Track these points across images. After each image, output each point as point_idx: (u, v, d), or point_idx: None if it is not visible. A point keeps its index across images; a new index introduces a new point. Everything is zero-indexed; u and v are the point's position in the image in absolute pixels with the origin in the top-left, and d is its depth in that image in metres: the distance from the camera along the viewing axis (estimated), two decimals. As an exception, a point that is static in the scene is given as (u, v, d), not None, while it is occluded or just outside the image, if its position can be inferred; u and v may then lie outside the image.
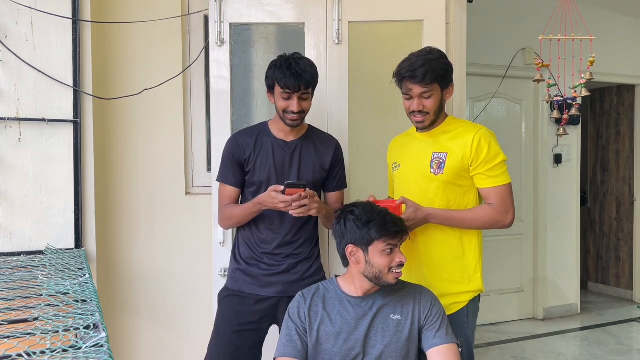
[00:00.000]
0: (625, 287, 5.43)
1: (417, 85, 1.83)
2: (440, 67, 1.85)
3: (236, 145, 2.03)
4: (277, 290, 1.99)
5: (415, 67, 1.83)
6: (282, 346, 1.67)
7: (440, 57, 1.88)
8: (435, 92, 1.86)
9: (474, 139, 1.85)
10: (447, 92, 1.91)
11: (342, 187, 2.14)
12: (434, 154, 1.90)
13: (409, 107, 1.89)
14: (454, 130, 1.92)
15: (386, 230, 1.62)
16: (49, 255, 2.01)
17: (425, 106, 1.86)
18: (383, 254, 1.62)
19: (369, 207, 1.68)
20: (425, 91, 1.84)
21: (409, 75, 1.83)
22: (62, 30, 2.17)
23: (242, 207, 2.01)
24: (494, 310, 4.53)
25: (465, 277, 1.88)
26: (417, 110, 1.87)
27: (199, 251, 2.54)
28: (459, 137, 1.89)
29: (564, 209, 4.79)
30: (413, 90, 1.85)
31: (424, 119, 1.88)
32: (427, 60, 1.83)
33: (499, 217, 1.84)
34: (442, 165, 1.87)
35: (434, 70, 1.83)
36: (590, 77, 2.35)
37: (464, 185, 1.88)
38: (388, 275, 1.64)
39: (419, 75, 1.82)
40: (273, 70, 1.95)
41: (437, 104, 1.88)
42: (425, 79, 1.82)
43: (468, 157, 1.85)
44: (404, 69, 1.85)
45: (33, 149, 2.13)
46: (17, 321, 1.16)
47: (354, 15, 2.40)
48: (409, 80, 1.84)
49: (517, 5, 4.47)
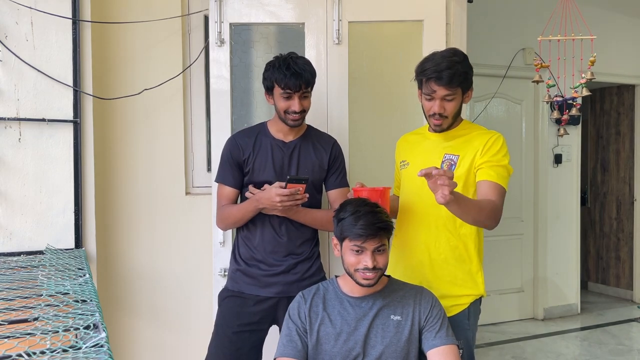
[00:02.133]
0: (625, 287, 5.43)
1: (443, 87, 1.78)
2: (465, 71, 1.81)
3: (235, 145, 2.03)
4: (277, 290, 1.99)
5: (441, 69, 1.77)
6: (282, 346, 1.67)
7: (465, 60, 1.83)
8: (457, 95, 1.82)
9: (488, 141, 1.83)
10: (466, 96, 1.87)
11: (344, 185, 2.12)
12: (445, 155, 1.88)
13: (430, 108, 1.84)
14: (468, 134, 1.90)
15: (350, 230, 1.61)
16: (49, 255, 2.01)
17: (446, 109, 1.82)
18: (352, 252, 1.63)
19: (356, 203, 1.67)
20: (449, 94, 1.80)
21: (435, 76, 1.78)
22: (62, 30, 2.17)
23: (239, 206, 2.01)
24: (494, 310, 4.53)
25: (467, 280, 1.87)
26: (438, 113, 1.82)
27: (199, 251, 2.54)
28: (473, 140, 1.86)
29: (564, 209, 4.79)
30: (437, 92, 1.80)
31: (442, 122, 1.85)
32: (453, 62, 1.78)
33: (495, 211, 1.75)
34: (452, 167, 1.85)
35: (460, 74, 1.78)
36: (591, 76, 2.33)
37: (472, 186, 1.86)
38: (356, 275, 1.63)
39: (446, 77, 1.77)
40: (271, 72, 1.93)
41: (458, 108, 1.85)
42: (452, 82, 1.77)
43: (479, 156, 1.83)
44: (430, 70, 1.79)
45: (33, 149, 2.13)
46: (17, 321, 1.16)
47: (354, 15, 2.40)
48: (434, 81, 1.79)
49: (517, 5, 4.47)
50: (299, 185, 1.81)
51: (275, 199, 1.82)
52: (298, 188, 1.81)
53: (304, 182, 1.83)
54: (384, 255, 1.64)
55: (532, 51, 4.47)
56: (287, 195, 1.81)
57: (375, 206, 1.66)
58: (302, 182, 1.82)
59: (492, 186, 1.78)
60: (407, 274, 1.91)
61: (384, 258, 1.63)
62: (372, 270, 1.60)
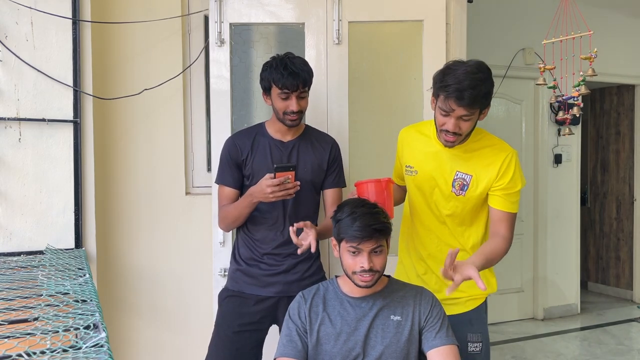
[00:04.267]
0: (625, 287, 5.43)
1: (462, 108, 1.66)
2: (488, 90, 1.70)
3: (233, 146, 2.03)
4: (277, 290, 1.99)
5: (463, 87, 1.64)
6: (282, 346, 1.67)
7: (489, 77, 1.71)
8: (475, 115, 1.72)
9: (503, 164, 1.78)
10: (483, 114, 1.76)
11: (340, 185, 2.12)
12: (457, 173, 1.82)
13: (443, 124, 1.72)
14: (481, 149, 1.82)
15: (347, 232, 1.60)
16: (49, 255, 2.01)
17: (462, 128, 1.71)
18: (349, 253, 1.62)
19: (353, 204, 1.66)
20: (467, 114, 1.68)
21: (456, 96, 1.64)
22: (62, 30, 2.17)
23: (235, 203, 2.01)
24: (494, 310, 4.50)
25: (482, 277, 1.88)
26: (453, 132, 1.71)
27: (199, 251, 2.54)
28: (486, 159, 1.80)
29: (564, 209, 4.79)
30: (455, 112, 1.68)
31: (455, 140, 1.74)
32: (477, 81, 1.65)
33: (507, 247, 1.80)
34: (464, 187, 1.81)
35: (483, 96, 1.68)
36: (592, 73, 2.26)
37: (482, 204, 1.86)
38: (354, 277, 1.62)
39: (467, 98, 1.64)
40: (269, 72, 1.94)
41: (473, 126, 1.75)
42: (473, 104, 1.66)
43: (493, 180, 1.80)
44: (452, 87, 1.65)
45: (33, 149, 2.13)
46: (17, 321, 1.16)
47: (354, 15, 2.40)
48: (454, 100, 1.66)
49: (517, 5, 4.47)
50: (288, 173, 1.82)
51: (267, 190, 1.82)
52: (287, 176, 1.81)
53: (292, 169, 1.83)
54: (381, 256, 1.62)
55: (531, 51, 4.47)
56: (277, 185, 1.81)
57: (373, 207, 1.65)
58: (290, 169, 1.83)
59: (505, 217, 1.81)
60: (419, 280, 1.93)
61: (381, 259, 1.62)
62: (369, 272, 1.59)
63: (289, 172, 1.82)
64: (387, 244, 1.65)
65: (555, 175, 4.74)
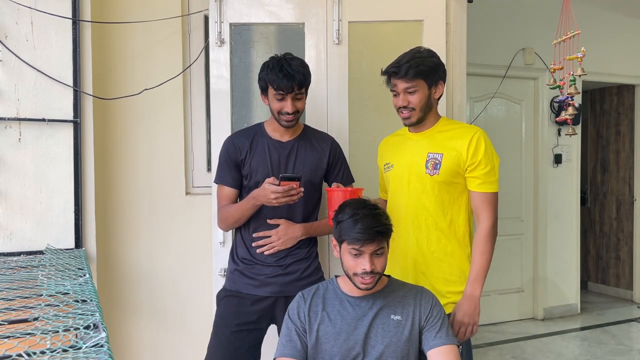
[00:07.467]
0: (625, 287, 5.43)
1: (401, 80, 1.85)
2: (425, 64, 1.86)
3: (232, 146, 2.04)
4: (275, 290, 1.99)
5: (400, 64, 1.85)
6: (282, 346, 1.67)
7: (429, 55, 1.89)
8: (420, 88, 1.86)
9: (472, 140, 1.85)
10: (435, 91, 1.90)
11: (349, 181, 2.14)
12: (429, 154, 1.89)
13: (395, 103, 1.91)
14: (449, 131, 1.92)
15: (348, 234, 1.59)
16: (49, 255, 2.01)
17: (411, 102, 1.87)
18: (350, 255, 1.61)
19: (355, 205, 1.66)
20: (409, 87, 1.85)
21: (393, 70, 1.86)
22: (62, 30, 2.17)
23: (238, 205, 2.02)
24: (494, 310, 4.53)
25: (460, 277, 1.89)
26: (403, 106, 1.88)
27: (198, 251, 2.54)
28: (455, 138, 1.88)
29: (563, 209, 4.79)
30: (397, 86, 1.87)
31: (410, 114, 1.89)
32: (413, 57, 1.86)
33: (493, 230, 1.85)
34: (437, 165, 1.87)
35: (417, 66, 1.84)
36: (582, 72, 2.26)
37: (460, 183, 1.88)
38: (355, 279, 1.62)
39: (402, 70, 1.84)
40: (265, 72, 1.94)
41: (423, 101, 1.88)
42: (407, 74, 1.83)
43: (464, 159, 1.84)
44: (390, 66, 1.88)
45: (33, 149, 2.13)
46: (17, 321, 1.15)
47: (354, 15, 2.40)
48: (393, 76, 1.87)
49: (517, 5, 4.47)
50: (293, 183, 1.83)
51: (271, 196, 1.84)
52: (292, 185, 1.83)
53: (297, 179, 1.84)
54: (382, 258, 1.62)
55: (531, 51, 4.47)
56: (281, 192, 1.82)
57: (374, 208, 1.65)
58: (295, 179, 1.84)
59: (486, 199, 1.85)
60: (403, 274, 1.92)
61: (382, 261, 1.62)
62: (370, 274, 1.59)
63: (293, 182, 1.83)
64: (387, 245, 1.65)
65: (555, 175, 4.74)
